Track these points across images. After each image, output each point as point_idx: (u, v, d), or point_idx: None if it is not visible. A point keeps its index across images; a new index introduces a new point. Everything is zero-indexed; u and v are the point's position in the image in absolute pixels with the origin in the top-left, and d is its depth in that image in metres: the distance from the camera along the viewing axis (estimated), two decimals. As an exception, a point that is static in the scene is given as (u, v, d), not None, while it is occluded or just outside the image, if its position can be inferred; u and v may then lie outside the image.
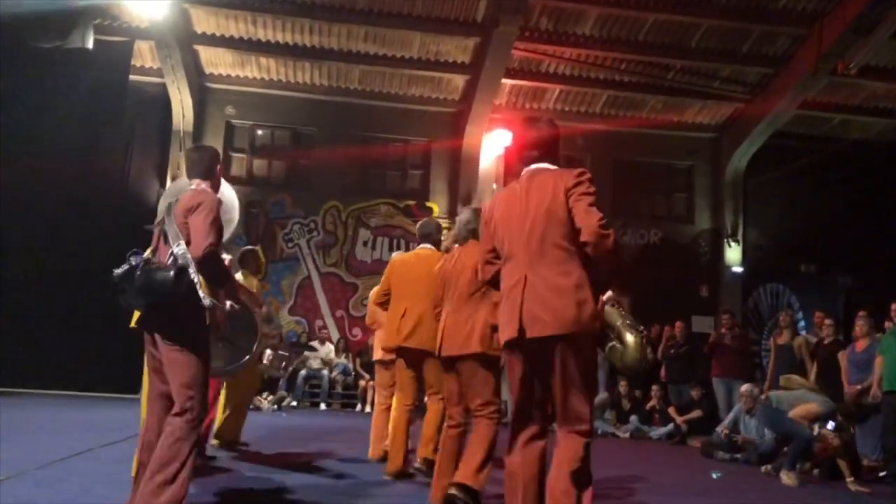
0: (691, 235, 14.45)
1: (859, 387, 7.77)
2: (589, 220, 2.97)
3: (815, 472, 7.25)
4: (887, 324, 8.16)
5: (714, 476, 5.60)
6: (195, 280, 3.25)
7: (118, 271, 3.23)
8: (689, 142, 14.48)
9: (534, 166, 3.28)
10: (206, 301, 3.28)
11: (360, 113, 13.62)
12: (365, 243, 13.57)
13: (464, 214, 4.65)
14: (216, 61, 13.08)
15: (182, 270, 3.20)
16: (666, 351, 10.98)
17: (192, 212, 3.33)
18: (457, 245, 4.60)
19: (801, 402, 7.10)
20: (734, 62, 12.90)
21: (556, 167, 3.27)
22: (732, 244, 14.18)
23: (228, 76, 13.33)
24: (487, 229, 3.34)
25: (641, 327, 3.73)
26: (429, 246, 5.40)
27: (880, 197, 13.62)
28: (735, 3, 11.69)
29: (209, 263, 3.26)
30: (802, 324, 12.92)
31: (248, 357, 4.74)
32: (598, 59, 12.82)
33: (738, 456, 8.01)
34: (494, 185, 13.00)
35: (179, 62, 12.18)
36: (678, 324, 11.08)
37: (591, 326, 3.00)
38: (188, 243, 3.29)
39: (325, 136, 13.68)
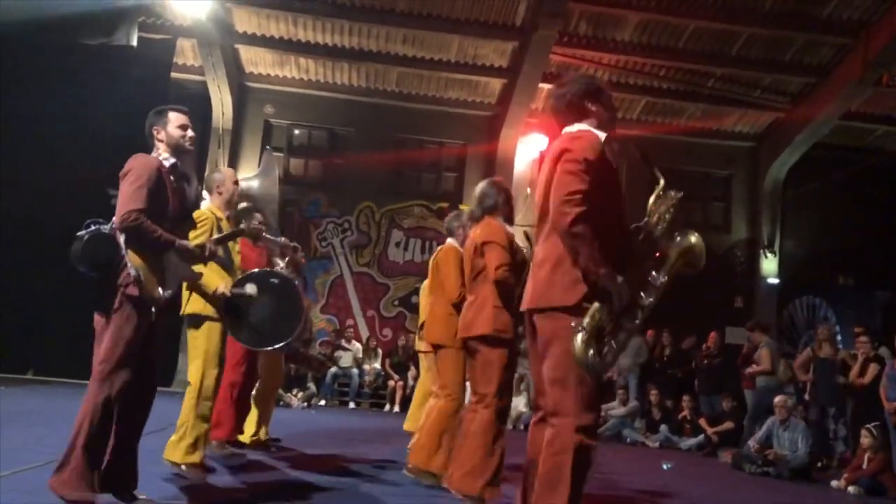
0: (727, 245, 14.25)
1: (897, 405, 7.64)
2: (555, 192, 2.73)
3: (851, 489, 7.15)
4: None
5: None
6: (122, 250, 3.16)
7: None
8: (728, 150, 14.31)
9: (564, 130, 3.04)
10: (132, 271, 3.14)
11: (396, 114, 13.68)
12: (397, 244, 13.62)
13: (480, 187, 4.34)
14: (256, 60, 13.24)
15: (92, 239, 3.17)
16: (699, 361, 10.87)
17: (122, 178, 3.26)
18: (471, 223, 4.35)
19: None
20: (776, 71, 12.72)
21: (579, 129, 2.99)
22: (769, 255, 13.96)
23: (268, 76, 13.48)
24: None
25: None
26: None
27: (922, 211, 13.35)
28: (778, 11, 11.49)
29: (131, 232, 3.15)
30: (839, 338, 12.67)
31: (278, 344, 4.46)
32: (636, 66, 12.74)
33: (769, 470, 7.91)
34: (528, 190, 12.96)
35: (220, 60, 12.34)
36: (712, 334, 10.93)
37: (563, 303, 2.72)
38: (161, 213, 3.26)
39: (361, 137, 13.76)
